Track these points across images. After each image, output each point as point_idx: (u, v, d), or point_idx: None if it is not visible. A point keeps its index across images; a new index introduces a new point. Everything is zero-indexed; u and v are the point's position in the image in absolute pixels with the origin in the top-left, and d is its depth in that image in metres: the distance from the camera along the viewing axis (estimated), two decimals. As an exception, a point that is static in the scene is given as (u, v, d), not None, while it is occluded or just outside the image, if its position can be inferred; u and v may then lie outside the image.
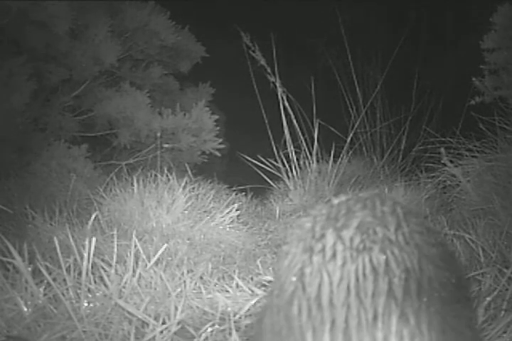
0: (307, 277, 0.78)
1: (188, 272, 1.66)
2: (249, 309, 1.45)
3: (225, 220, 2.46)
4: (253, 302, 1.49)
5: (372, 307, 0.73)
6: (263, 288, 1.65)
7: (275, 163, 3.32)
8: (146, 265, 1.58)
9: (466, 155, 2.69)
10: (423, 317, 0.74)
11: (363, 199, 0.87)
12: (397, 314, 0.73)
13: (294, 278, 0.80)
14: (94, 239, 1.48)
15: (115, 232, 1.78)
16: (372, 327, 0.73)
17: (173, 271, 1.68)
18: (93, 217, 1.81)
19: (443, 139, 2.84)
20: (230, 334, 1.31)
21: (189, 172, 2.92)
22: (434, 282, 0.77)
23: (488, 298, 1.43)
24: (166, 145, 3.32)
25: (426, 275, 0.77)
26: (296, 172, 3.34)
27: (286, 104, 3.38)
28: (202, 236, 2.30)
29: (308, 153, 3.38)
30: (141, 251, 1.60)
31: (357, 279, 0.75)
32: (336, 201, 0.88)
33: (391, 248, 0.77)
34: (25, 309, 1.36)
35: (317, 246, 0.80)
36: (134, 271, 1.54)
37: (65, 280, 1.43)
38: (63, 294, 1.39)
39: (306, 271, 0.79)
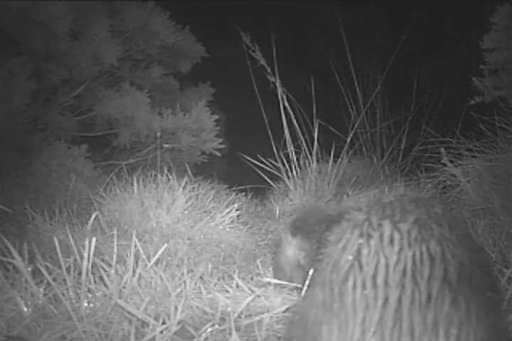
0: (364, 257, 0.82)
1: (188, 272, 1.65)
2: (248, 309, 1.45)
3: (225, 220, 2.46)
4: (249, 299, 1.49)
5: (426, 290, 0.77)
6: (263, 288, 1.65)
7: (275, 163, 3.32)
8: (146, 265, 1.58)
9: (466, 155, 2.69)
10: (473, 306, 0.77)
11: (415, 200, 0.91)
12: (449, 299, 0.76)
13: (350, 257, 0.83)
14: (94, 239, 1.48)
15: (115, 232, 1.78)
16: (425, 309, 0.76)
17: (173, 271, 1.68)
18: (93, 217, 1.81)
19: (443, 139, 2.84)
20: (230, 334, 1.31)
21: (189, 172, 2.92)
22: (481, 282, 0.81)
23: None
24: (166, 145, 3.32)
25: (476, 273, 0.81)
26: (296, 172, 3.34)
27: (286, 104, 3.37)
28: (202, 236, 2.30)
29: (308, 153, 3.38)
30: (141, 251, 1.60)
31: (414, 263, 0.79)
32: (386, 199, 0.92)
33: (447, 243, 0.81)
34: (25, 309, 1.36)
35: (375, 233, 0.84)
36: (134, 271, 1.54)
37: (65, 280, 1.43)
38: (63, 294, 1.39)
39: (363, 252, 0.83)
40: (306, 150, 3.39)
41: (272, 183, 3.39)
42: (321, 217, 1.49)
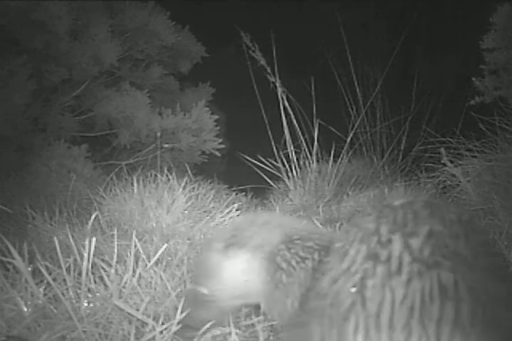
0: (369, 290, 0.72)
1: (188, 272, 1.65)
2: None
3: (225, 220, 2.46)
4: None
5: (435, 334, 0.67)
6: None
7: (275, 163, 3.32)
8: (146, 265, 1.58)
9: (466, 155, 2.69)
10: None
11: (428, 204, 0.82)
12: None
13: (353, 289, 0.73)
14: (94, 239, 1.48)
15: (115, 232, 1.78)
16: None
17: (173, 271, 1.68)
18: (93, 217, 1.81)
19: (443, 139, 2.84)
20: (230, 334, 1.31)
21: (189, 172, 2.92)
22: (497, 300, 0.71)
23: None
24: (166, 145, 3.32)
25: (491, 298, 0.70)
26: (296, 172, 3.34)
27: (286, 104, 3.37)
28: (202, 236, 2.30)
29: (308, 153, 3.38)
30: (141, 251, 1.60)
31: (422, 299, 0.69)
32: (397, 203, 0.83)
33: (460, 265, 0.71)
34: (25, 309, 1.36)
35: (383, 253, 0.74)
36: (134, 271, 1.53)
37: (65, 280, 1.43)
38: (63, 294, 1.39)
39: (368, 283, 0.72)
40: (306, 150, 3.39)
41: (272, 183, 3.39)
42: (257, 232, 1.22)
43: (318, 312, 0.78)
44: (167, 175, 2.66)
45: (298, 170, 3.35)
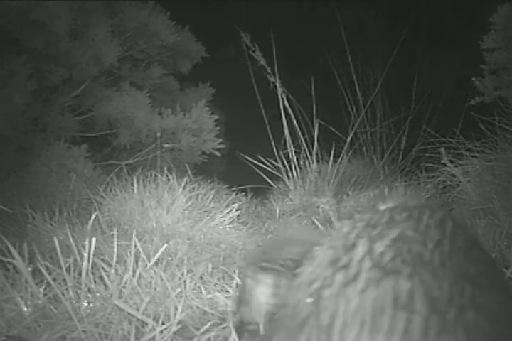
0: (324, 301, 0.68)
1: (188, 272, 1.65)
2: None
3: (225, 220, 2.46)
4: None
5: None
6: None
7: (275, 163, 3.32)
8: (146, 265, 1.58)
9: (466, 155, 2.69)
10: None
11: (411, 208, 0.76)
12: None
13: (310, 300, 0.70)
14: (94, 239, 1.48)
15: (115, 232, 1.78)
16: None
17: (173, 271, 1.68)
18: (93, 217, 1.81)
19: (443, 139, 2.84)
20: (230, 334, 1.31)
21: (189, 172, 2.92)
22: (468, 309, 0.65)
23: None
24: (166, 145, 3.32)
25: (455, 306, 0.65)
26: (296, 172, 3.34)
27: (286, 104, 3.38)
28: (202, 236, 2.30)
29: (308, 153, 3.38)
30: (141, 251, 1.60)
31: (373, 310, 0.65)
32: (382, 207, 0.79)
33: (421, 272, 0.66)
34: (25, 309, 1.36)
35: (344, 258, 0.70)
36: (134, 271, 1.54)
37: (65, 280, 1.43)
38: (63, 294, 1.39)
39: (324, 294, 0.69)
40: (306, 150, 3.39)
41: (272, 183, 3.39)
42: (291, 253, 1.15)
43: (279, 323, 0.75)
44: (167, 175, 2.66)
45: (298, 170, 3.35)
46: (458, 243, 0.71)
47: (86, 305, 1.39)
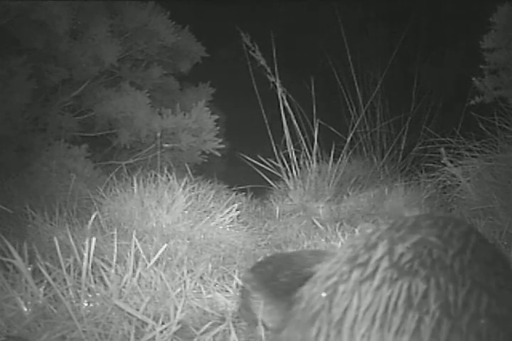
0: (338, 296, 0.69)
1: (188, 272, 1.65)
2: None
3: (225, 220, 2.46)
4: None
5: None
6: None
7: (275, 163, 3.32)
8: (146, 265, 1.58)
9: (466, 155, 2.69)
10: None
11: (436, 217, 0.77)
12: None
13: (324, 294, 0.71)
14: (94, 239, 1.48)
15: (115, 232, 1.78)
16: None
17: (173, 271, 1.68)
18: (93, 217, 1.81)
19: (443, 139, 2.84)
20: (230, 334, 1.31)
21: (189, 172, 2.92)
22: (482, 318, 0.65)
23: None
24: (166, 145, 3.32)
25: (470, 313, 0.64)
26: (296, 172, 3.34)
27: (286, 104, 3.38)
28: (202, 236, 2.30)
29: (308, 153, 3.38)
30: (141, 251, 1.60)
31: (386, 308, 0.65)
32: (408, 214, 0.80)
33: (438, 276, 0.66)
34: (25, 309, 1.36)
35: (363, 256, 0.71)
36: (134, 271, 1.53)
37: (65, 280, 1.43)
38: (63, 294, 1.39)
39: (339, 289, 0.70)
40: (306, 150, 3.39)
41: (272, 183, 3.39)
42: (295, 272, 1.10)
43: (291, 316, 0.76)
44: (167, 175, 2.66)
45: (298, 170, 3.35)
46: (481, 255, 0.71)
47: (86, 305, 1.39)
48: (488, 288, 0.67)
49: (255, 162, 3.28)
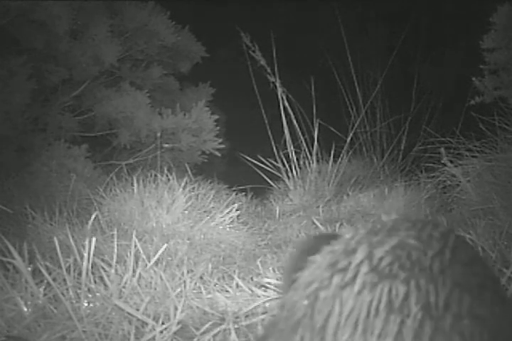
0: (319, 302, 0.69)
1: (188, 272, 1.65)
2: (249, 309, 1.45)
3: (225, 220, 2.46)
4: (254, 304, 1.49)
5: None
6: (263, 289, 1.65)
7: (275, 163, 3.32)
8: (146, 265, 1.58)
9: (466, 155, 2.69)
10: None
11: (414, 220, 0.77)
12: None
13: (306, 302, 0.71)
14: (94, 239, 1.48)
15: (115, 232, 1.78)
16: None
17: (173, 271, 1.68)
18: (93, 217, 1.81)
19: (443, 139, 2.84)
20: (230, 334, 1.31)
21: (189, 172, 2.92)
22: (465, 318, 0.65)
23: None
24: (166, 145, 3.32)
25: (451, 313, 0.65)
26: (296, 172, 3.34)
27: (286, 104, 3.38)
28: (202, 236, 2.30)
29: (308, 153, 3.38)
30: (141, 251, 1.60)
31: (368, 312, 0.65)
32: (386, 218, 0.80)
33: (418, 277, 0.66)
34: (25, 309, 1.36)
35: (342, 262, 0.71)
36: (134, 271, 1.54)
37: (65, 280, 1.43)
38: (63, 294, 1.39)
39: (320, 295, 0.70)
40: (306, 150, 3.39)
41: (272, 183, 3.39)
42: None
43: (274, 325, 0.75)
44: (167, 175, 2.66)
45: (298, 170, 3.35)
46: (460, 255, 0.72)
47: (86, 305, 1.39)
48: (469, 289, 0.68)
49: (255, 162, 3.28)
